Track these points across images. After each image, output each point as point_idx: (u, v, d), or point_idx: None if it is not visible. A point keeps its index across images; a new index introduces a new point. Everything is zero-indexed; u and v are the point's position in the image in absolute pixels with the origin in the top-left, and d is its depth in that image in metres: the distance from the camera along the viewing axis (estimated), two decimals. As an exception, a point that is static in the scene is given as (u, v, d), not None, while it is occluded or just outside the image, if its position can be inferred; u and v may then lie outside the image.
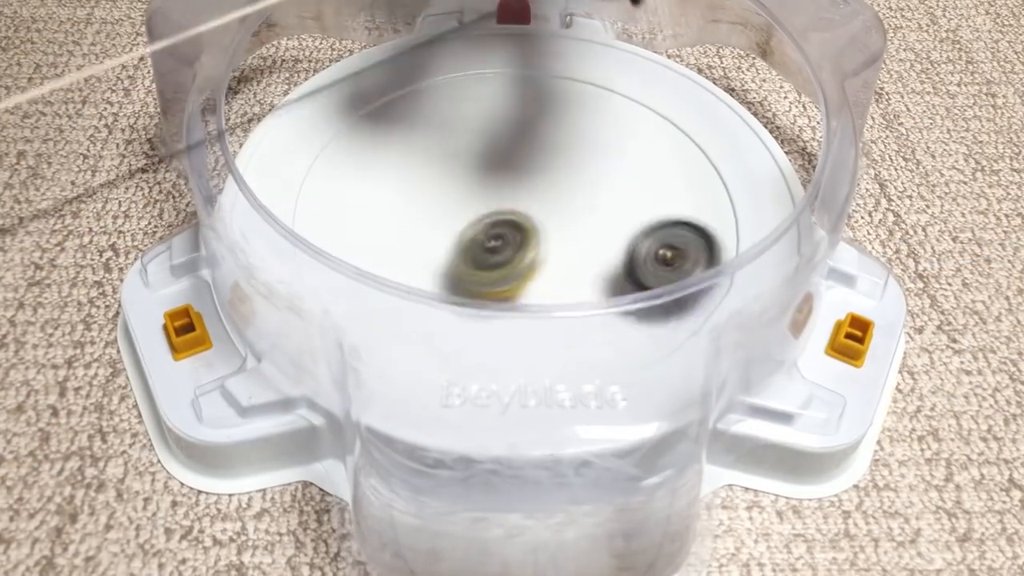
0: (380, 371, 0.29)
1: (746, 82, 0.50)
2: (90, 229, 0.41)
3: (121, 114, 0.46)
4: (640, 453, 0.28)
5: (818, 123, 0.47)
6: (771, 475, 0.33)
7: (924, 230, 0.43)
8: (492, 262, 0.33)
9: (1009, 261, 0.41)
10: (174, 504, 0.32)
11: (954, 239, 0.42)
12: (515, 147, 0.41)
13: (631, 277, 0.34)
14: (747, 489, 0.33)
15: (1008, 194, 0.44)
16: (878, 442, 0.35)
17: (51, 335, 0.37)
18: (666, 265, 0.33)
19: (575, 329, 0.30)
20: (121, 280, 0.39)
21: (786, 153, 0.41)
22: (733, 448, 0.33)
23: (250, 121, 0.46)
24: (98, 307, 0.38)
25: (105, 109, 0.47)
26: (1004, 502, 0.33)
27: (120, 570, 0.31)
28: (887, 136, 0.47)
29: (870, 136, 0.47)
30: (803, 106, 0.48)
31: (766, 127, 0.42)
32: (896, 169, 0.45)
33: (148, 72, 0.49)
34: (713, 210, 0.38)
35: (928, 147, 0.46)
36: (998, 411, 0.36)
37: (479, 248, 0.34)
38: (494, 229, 0.34)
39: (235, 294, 0.33)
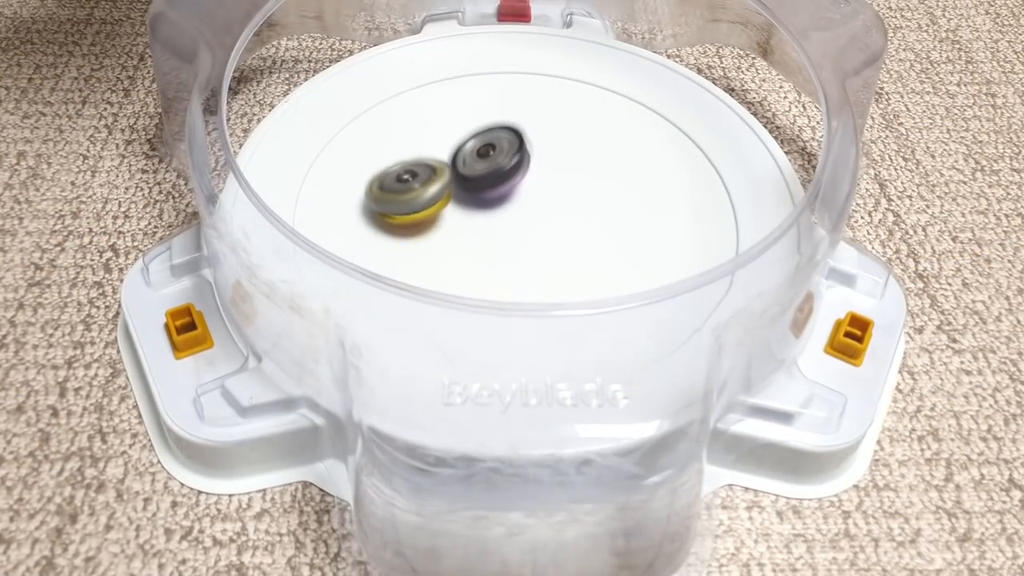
0: (382, 370, 0.29)
1: (746, 82, 0.50)
2: (90, 229, 0.41)
3: (121, 114, 0.46)
4: (641, 452, 0.28)
5: (818, 123, 0.47)
6: (771, 475, 0.33)
7: (924, 230, 0.43)
8: (399, 188, 0.37)
9: (1009, 261, 0.41)
10: (174, 504, 0.32)
11: (954, 239, 0.42)
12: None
13: (455, 171, 0.38)
14: (747, 489, 0.33)
15: (1008, 194, 0.44)
16: (878, 442, 0.35)
17: (51, 335, 0.37)
18: (482, 157, 0.38)
19: (576, 328, 0.30)
20: (121, 280, 0.39)
21: (786, 153, 0.41)
22: (733, 448, 0.33)
23: (250, 121, 0.46)
24: (98, 307, 0.38)
25: (105, 109, 0.47)
26: (1004, 502, 0.33)
27: (120, 570, 0.31)
28: (887, 136, 0.47)
29: (870, 136, 0.47)
30: (803, 106, 0.48)
31: (766, 127, 0.42)
32: (896, 169, 0.45)
33: (148, 72, 0.49)
34: (713, 210, 0.38)
35: (928, 147, 0.46)
36: (998, 411, 0.36)
37: (391, 179, 0.37)
38: (409, 167, 0.38)
39: (236, 293, 0.33)
